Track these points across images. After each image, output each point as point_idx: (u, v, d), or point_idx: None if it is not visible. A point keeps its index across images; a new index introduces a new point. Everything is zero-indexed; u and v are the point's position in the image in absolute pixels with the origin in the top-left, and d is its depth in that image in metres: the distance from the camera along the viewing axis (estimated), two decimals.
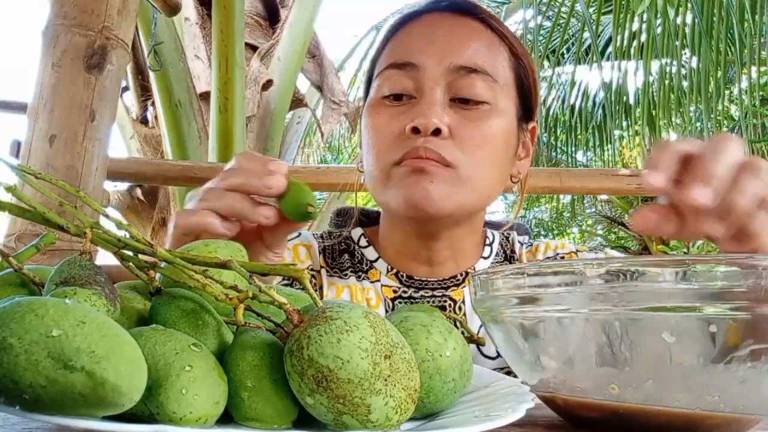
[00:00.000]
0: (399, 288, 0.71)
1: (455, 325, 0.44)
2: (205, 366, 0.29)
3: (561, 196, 6.54)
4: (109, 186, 2.54)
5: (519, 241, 0.79)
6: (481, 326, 0.71)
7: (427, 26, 0.68)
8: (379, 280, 0.72)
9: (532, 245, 0.79)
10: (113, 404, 0.25)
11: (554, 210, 7.90)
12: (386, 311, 0.71)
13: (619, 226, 7.81)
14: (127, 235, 0.36)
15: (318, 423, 0.31)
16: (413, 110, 0.64)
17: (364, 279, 0.73)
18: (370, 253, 0.74)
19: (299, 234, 0.77)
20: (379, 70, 0.69)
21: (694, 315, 0.32)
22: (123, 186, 2.85)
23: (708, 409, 0.34)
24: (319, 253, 0.75)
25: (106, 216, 0.38)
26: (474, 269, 0.73)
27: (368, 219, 0.83)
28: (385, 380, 0.29)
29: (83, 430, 0.26)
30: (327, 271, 0.74)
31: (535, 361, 0.39)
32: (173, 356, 0.29)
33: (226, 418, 0.31)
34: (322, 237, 0.79)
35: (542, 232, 8.63)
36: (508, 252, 0.78)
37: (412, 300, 0.71)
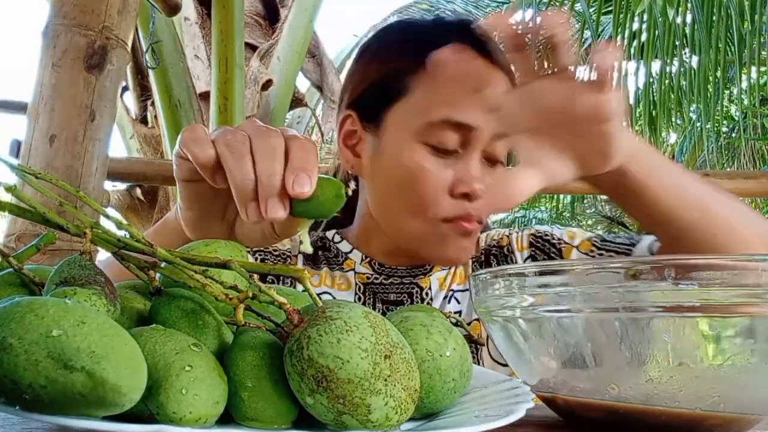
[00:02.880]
0: (371, 275, 0.78)
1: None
2: (205, 366, 0.29)
3: (561, 196, 6.54)
4: (109, 186, 2.54)
5: None
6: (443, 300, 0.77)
7: (481, 77, 0.67)
8: (353, 269, 0.79)
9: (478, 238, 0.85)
10: (113, 404, 0.25)
11: (554, 210, 7.90)
12: (355, 293, 0.77)
13: (619, 226, 7.81)
14: (127, 235, 0.36)
15: (318, 423, 0.31)
16: (457, 166, 0.68)
17: (337, 269, 0.79)
18: (344, 246, 0.81)
19: None
20: (429, 117, 0.68)
21: (694, 315, 0.32)
22: (122, 186, 2.85)
23: (708, 409, 0.34)
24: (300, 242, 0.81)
25: (106, 216, 0.38)
26: None
27: (329, 225, 0.90)
28: (385, 380, 0.29)
29: (83, 430, 0.26)
30: (303, 259, 0.81)
31: (535, 361, 0.39)
32: (173, 356, 0.29)
33: (226, 418, 0.31)
34: None
35: None
36: None
37: (383, 286, 0.77)
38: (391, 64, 0.73)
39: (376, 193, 0.74)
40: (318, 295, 0.76)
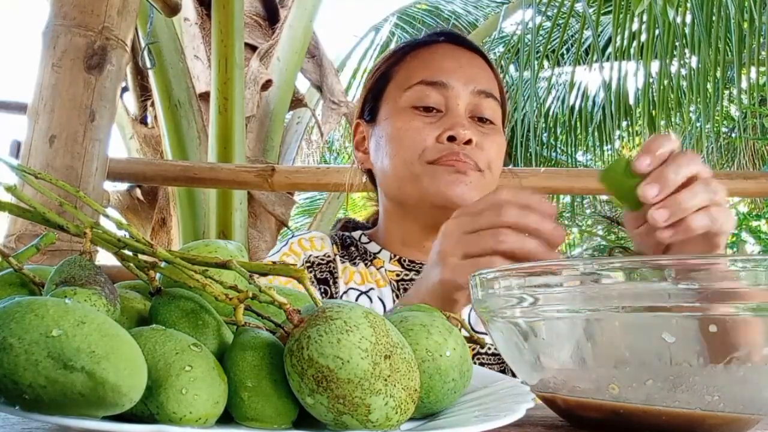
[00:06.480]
0: (401, 272, 0.81)
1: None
2: (205, 366, 0.29)
3: (561, 196, 6.54)
4: (109, 186, 2.53)
5: None
6: (470, 311, 0.80)
7: (449, 53, 0.81)
8: (383, 267, 0.82)
9: None
10: (113, 404, 0.25)
11: None
12: (392, 290, 0.80)
13: (619, 227, 7.81)
14: (127, 235, 0.36)
15: (318, 423, 0.31)
16: (442, 122, 0.76)
17: (370, 266, 0.83)
18: (373, 247, 0.85)
19: (308, 230, 0.91)
20: (408, 84, 0.80)
21: (694, 315, 0.32)
22: (122, 186, 2.85)
23: (708, 409, 0.34)
24: (332, 243, 0.86)
25: (106, 216, 0.38)
26: None
27: (360, 226, 0.97)
28: (385, 380, 0.29)
29: (83, 430, 0.26)
30: (340, 259, 0.84)
31: (535, 361, 0.39)
32: (173, 356, 0.29)
33: (226, 418, 0.31)
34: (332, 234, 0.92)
35: None
36: None
37: (413, 282, 0.79)
38: (381, 67, 0.86)
39: (381, 168, 0.81)
40: (365, 292, 0.79)
